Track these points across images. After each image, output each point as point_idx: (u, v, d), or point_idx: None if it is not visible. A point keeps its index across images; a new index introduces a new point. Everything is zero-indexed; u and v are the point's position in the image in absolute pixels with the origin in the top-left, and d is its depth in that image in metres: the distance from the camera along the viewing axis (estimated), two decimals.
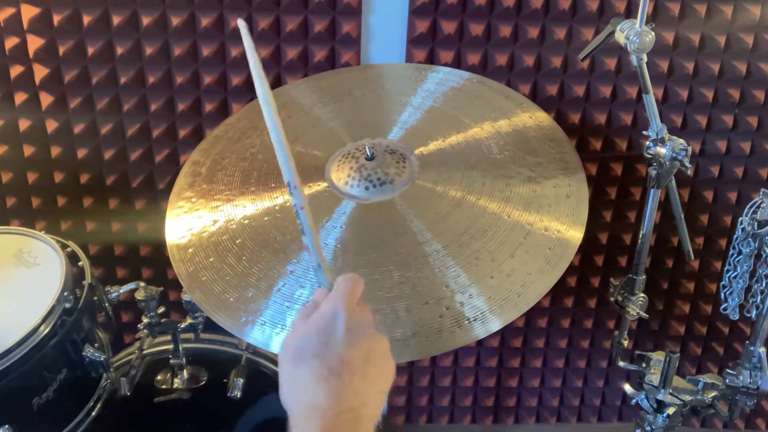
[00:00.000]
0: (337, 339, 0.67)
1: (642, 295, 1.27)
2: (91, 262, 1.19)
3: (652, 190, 1.17)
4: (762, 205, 1.14)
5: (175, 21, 1.40)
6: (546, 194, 1.04)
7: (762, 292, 1.17)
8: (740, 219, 1.16)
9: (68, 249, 1.18)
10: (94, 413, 1.17)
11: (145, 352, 1.34)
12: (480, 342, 1.78)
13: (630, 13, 1.40)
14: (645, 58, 1.05)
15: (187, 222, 1.09)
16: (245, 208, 1.08)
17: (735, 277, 1.20)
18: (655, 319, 1.75)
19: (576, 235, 1.00)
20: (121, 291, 1.25)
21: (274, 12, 1.40)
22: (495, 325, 0.91)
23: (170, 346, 1.32)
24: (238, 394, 1.25)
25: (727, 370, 1.24)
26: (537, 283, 0.94)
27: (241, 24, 0.78)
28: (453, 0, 1.38)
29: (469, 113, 1.19)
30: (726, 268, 1.21)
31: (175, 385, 1.31)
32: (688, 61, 1.46)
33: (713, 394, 1.24)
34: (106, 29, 1.41)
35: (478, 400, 1.88)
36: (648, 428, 1.29)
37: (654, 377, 1.26)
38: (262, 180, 1.12)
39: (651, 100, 1.09)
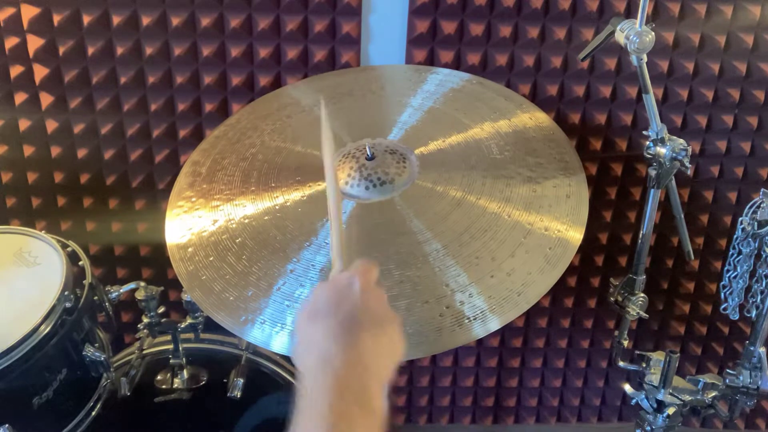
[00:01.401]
0: (351, 301, 0.70)
1: (642, 295, 1.27)
2: (91, 262, 1.19)
3: (652, 190, 1.17)
4: (762, 205, 1.14)
5: (175, 21, 1.40)
6: (546, 194, 1.04)
7: (762, 292, 1.18)
8: (740, 219, 1.16)
9: (69, 248, 1.18)
10: (94, 413, 1.17)
11: (145, 352, 1.34)
12: (480, 342, 1.78)
13: (630, 13, 1.40)
14: (645, 58, 1.05)
15: (187, 222, 1.09)
16: (245, 207, 1.08)
17: (735, 277, 1.20)
18: (655, 319, 1.75)
19: (576, 235, 1.00)
20: (121, 291, 1.24)
21: (274, 12, 1.40)
22: (495, 324, 0.91)
23: (170, 346, 1.32)
24: (238, 394, 1.25)
25: (727, 370, 1.24)
26: (537, 283, 0.95)
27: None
28: (453, 0, 1.38)
29: (469, 114, 1.19)
30: (726, 268, 1.21)
31: (175, 385, 1.31)
32: (688, 61, 1.46)
33: (713, 394, 1.24)
34: (106, 29, 1.41)
35: (478, 400, 1.88)
36: (648, 428, 1.28)
37: (654, 377, 1.26)
38: (262, 180, 1.12)
39: (651, 100, 1.09)
